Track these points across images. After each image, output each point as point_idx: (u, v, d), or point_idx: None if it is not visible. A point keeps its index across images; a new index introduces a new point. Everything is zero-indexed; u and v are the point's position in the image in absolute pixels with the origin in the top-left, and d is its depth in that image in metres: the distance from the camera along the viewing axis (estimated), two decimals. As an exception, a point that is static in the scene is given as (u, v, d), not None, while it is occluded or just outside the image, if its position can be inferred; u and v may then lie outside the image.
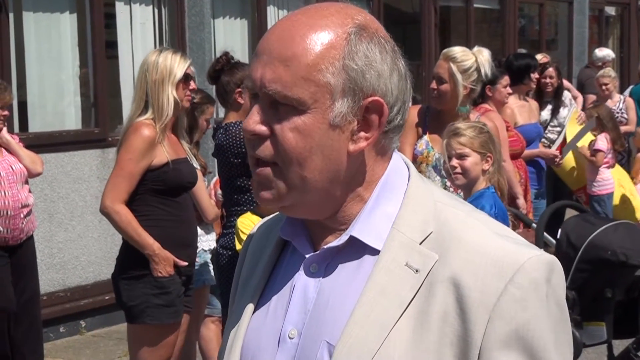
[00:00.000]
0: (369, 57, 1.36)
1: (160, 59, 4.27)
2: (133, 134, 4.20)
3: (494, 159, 4.08)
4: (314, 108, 1.35)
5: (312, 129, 1.35)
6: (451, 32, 12.23)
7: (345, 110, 1.36)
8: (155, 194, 4.26)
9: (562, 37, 14.20)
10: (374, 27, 1.40)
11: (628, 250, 4.25)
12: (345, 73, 1.35)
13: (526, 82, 7.43)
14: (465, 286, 1.32)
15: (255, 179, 1.41)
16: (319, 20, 1.37)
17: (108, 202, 4.17)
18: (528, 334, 1.31)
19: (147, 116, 4.23)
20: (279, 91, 1.35)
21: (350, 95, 1.36)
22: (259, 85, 1.37)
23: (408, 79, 1.43)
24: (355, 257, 1.40)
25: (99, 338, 6.10)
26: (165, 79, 4.24)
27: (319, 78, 1.35)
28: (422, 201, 1.41)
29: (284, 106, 1.36)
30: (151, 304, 4.22)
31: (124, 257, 4.34)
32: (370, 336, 1.33)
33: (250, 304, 1.48)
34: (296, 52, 1.35)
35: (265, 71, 1.36)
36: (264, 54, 1.37)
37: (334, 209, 1.42)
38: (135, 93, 4.33)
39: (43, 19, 7.15)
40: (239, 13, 8.80)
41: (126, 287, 4.25)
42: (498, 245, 1.35)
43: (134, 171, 4.17)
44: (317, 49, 1.35)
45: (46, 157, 6.40)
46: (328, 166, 1.37)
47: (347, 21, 1.37)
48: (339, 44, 1.36)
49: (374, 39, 1.38)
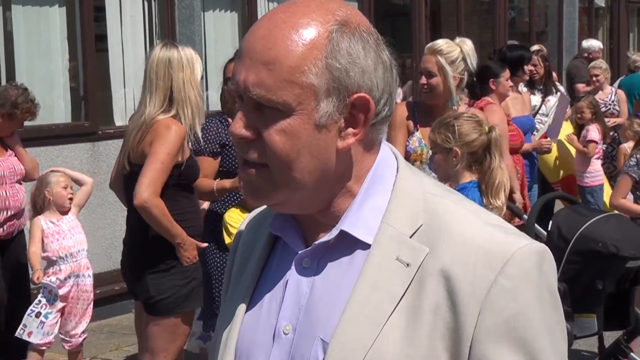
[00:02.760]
0: (351, 54, 1.35)
1: (183, 56, 4.27)
2: (166, 130, 4.17)
3: (461, 153, 4.00)
4: (299, 110, 1.34)
5: (299, 130, 1.34)
6: (442, 24, 12.23)
7: (331, 110, 1.35)
8: (180, 188, 4.31)
9: (552, 29, 14.23)
10: (356, 21, 1.38)
11: (619, 242, 4.26)
12: (328, 72, 1.34)
13: (519, 74, 7.43)
14: (456, 278, 1.32)
15: (244, 178, 1.40)
16: (300, 18, 1.35)
17: (148, 196, 4.12)
18: (519, 324, 1.31)
19: (173, 113, 4.23)
20: (263, 95, 1.34)
21: (335, 94, 1.35)
22: (243, 89, 1.36)
23: (394, 68, 1.42)
24: (347, 252, 1.40)
25: (90, 332, 6.09)
26: (191, 77, 4.27)
27: (303, 80, 1.33)
28: (411, 193, 1.41)
29: (269, 109, 1.34)
30: (181, 294, 4.28)
31: (148, 252, 4.32)
32: (363, 332, 1.33)
33: (243, 300, 1.48)
34: (278, 54, 1.33)
35: (249, 75, 1.35)
36: (247, 57, 1.36)
37: (323, 204, 1.41)
38: (154, 88, 4.25)
39: (32, 12, 7.12)
40: (229, 6, 8.78)
41: (154, 282, 4.27)
42: (488, 236, 1.35)
43: (170, 166, 4.19)
44: (299, 50, 1.33)
45: (36, 151, 6.39)
46: (316, 165, 1.37)
47: (328, 18, 1.36)
48: (321, 43, 1.34)
49: (356, 34, 1.36)
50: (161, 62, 4.25)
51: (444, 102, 4.80)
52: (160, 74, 4.24)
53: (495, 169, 3.97)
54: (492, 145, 3.97)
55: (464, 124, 4.02)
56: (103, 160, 7.34)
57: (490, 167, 3.97)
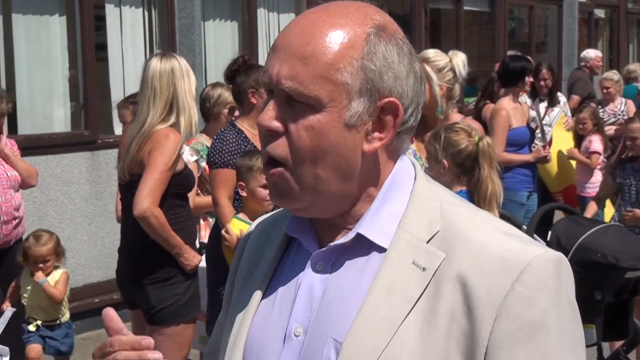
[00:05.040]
0: (387, 59, 1.36)
1: (183, 66, 4.31)
2: (165, 139, 4.19)
3: (449, 164, 3.96)
4: (330, 107, 1.34)
5: (328, 127, 1.35)
6: (441, 35, 12.24)
7: (361, 110, 1.36)
8: (177, 197, 4.33)
9: (551, 40, 14.24)
10: (392, 28, 1.40)
11: (618, 253, 4.25)
12: (363, 73, 1.35)
13: (520, 85, 7.47)
14: (472, 284, 1.32)
15: (269, 179, 1.41)
16: (338, 19, 1.37)
17: (148, 206, 4.14)
18: (536, 332, 1.30)
19: (171, 123, 4.24)
20: (296, 88, 1.34)
21: (367, 95, 1.36)
22: (275, 81, 1.36)
23: (423, 81, 1.43)
24: (362, 255, 1.40)
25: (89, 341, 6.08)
26: (191, 86, 4.31)
27: (337, 77, 1.34)
28: (429, 200, 1.41)
29: (299, 104, 1.35)
30: (182, 302, 4.30)
31: (147, 262, 4.32)
32: (378, 334, 1.33)
33: (254, 301, 1.47)
34: (315, 50, 1.34)
35: (283, 67, 1.35)
36: (282, 50, 1.37)
37: (345, 208, 1.42)
38: (156, 100, 4.26)
39: (32, 21, 7.13)
40: (229, 15, 8.79)
41: (155, 291, 4.28)
42: (504, 244, 1.35)
43: (169, 176, 4.20)
44: (336, 48, 1.34)
45: (35, 160, 6.39)
46: (342, 165, 1.37)
47: (367, 21, 1.37)
48: (358, 44, 1.35)
49: (392, 40, 1.38)
50: (164, 72, 4.28)
51: (432, 112, 4.80)
52: (164, 84, 4.26)
53: (485, 179, 3.89)
54: (480, 156, 3.92)
55: (452, 134, 3.99)
56: (103, 169, 7.34)
57: (480, 178, 3.90)
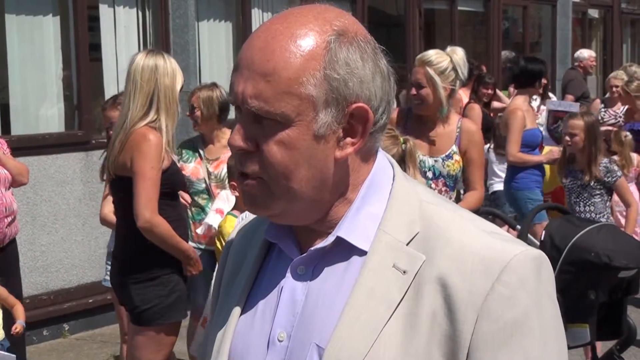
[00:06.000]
0: (350, 65, 1.35)
1: (168, 64, 4.26)
2: (144, 142, 4.12)
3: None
4: (298, 121, 1.33)
5: (297, 141, 1.34)
6: (435, 35, 12.24)
7: (329, 120, 1.35)
8: (164, 197, 4.25)
9: (545, 40, 14.25)
10: (353, 30, 1.38)
11: (611, 252, 4.27)
12: (327, 83, 1.34)
13: (536, 87, 7.52)
14: (453, 286, 1.32)
15: (243, 189, 1.40)
16: (297, 29, 1.34)
17: (149, 216, 4.10)
18: (517, 331, 1.30)
19: (151, 119, 4.18)
20: (262, 107, 1.33)
21: (333, 104, 1.34)
22: (241, 100, 1.35)
23: (391, 77, 1.41)
24: (343, 259, 1.39)
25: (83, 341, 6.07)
26: (175, 85, 4.25)
27: (301, 91, 1.33)
28: (408, 201, 1.41)
29: (267, 120, 1.34)
30: (165, 304, 4.26)
31: (131, 262, 4.30)
32: (360, 338, 1.33)
33: (237, 307, 1.47)
34: (276, 66, 1.32)
35: (247, 86, 1.34)
36: (245, 68, 1.35)
37: (321, 214, 1.41)
38: (137, 94, 4.21)
39: (26, 21, 7.11)
40: (223, 16, 8.78)
41: (138, 292, 4.25)
42: (484, 243, 1.35)
43: (158, 178, 4.14)
44: (297, 62, 1.33)
45: (29, 160, 6.37)
46: (315, 175, 1.37)
47: (326, 28, 1.35)
48: (319, 54, 1.33)
49: (353, 44, 1.36)
50: (147, 67, 4.23)
51: (434, 113, 4.81)
52: (145, 78, 4.21)
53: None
54: (406, 157, 3.95)
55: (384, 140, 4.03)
56: (96, 170, 7.30)
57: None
